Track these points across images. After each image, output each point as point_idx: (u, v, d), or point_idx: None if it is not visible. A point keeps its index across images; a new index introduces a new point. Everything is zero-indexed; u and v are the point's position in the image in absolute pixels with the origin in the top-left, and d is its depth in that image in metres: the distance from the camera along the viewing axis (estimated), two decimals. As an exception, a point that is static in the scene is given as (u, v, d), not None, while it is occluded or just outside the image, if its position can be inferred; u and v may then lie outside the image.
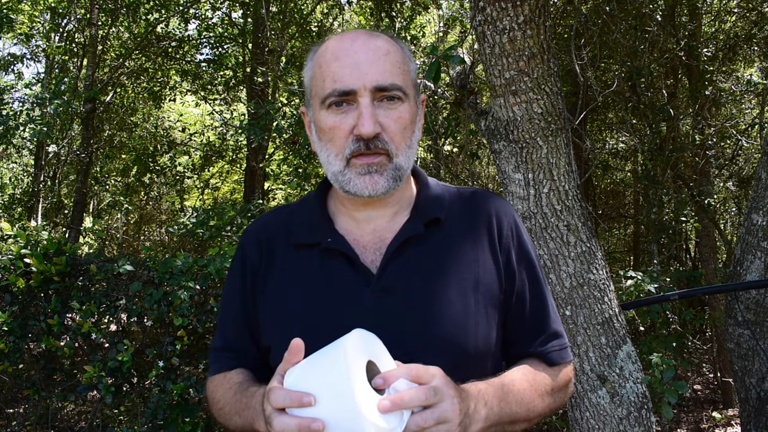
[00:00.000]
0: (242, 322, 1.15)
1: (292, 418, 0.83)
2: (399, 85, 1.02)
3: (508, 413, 0.98)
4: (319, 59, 1.05)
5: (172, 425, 3.00)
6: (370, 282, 1.04)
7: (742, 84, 6.09)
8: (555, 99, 2.11)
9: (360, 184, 1.02)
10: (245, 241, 1.18)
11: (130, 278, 3.16)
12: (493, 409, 0.95)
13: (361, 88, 0.99)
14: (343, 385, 0.81)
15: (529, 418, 1.04)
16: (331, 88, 1.00)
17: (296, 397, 0.83)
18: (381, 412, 0.81)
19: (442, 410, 0.84)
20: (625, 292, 3.39)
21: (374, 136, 1.00)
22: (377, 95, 1.01)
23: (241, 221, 5.15)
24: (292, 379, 0.88)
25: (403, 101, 1.03)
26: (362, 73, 0.99)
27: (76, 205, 8.09)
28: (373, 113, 1.00)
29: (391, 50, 1.04)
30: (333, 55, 1.02)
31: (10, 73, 8.49)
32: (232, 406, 1.05)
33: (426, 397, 0.83)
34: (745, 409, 2.77)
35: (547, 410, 1.08)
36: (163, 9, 8.10)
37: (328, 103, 1.02)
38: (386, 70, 1.01)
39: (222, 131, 10.06)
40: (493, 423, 0.95)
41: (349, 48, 1.02)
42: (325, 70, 1.02)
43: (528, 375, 1.07)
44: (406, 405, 0.82)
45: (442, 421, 0.84)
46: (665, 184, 5.14)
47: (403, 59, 1.06)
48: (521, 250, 1.13)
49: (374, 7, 6.60)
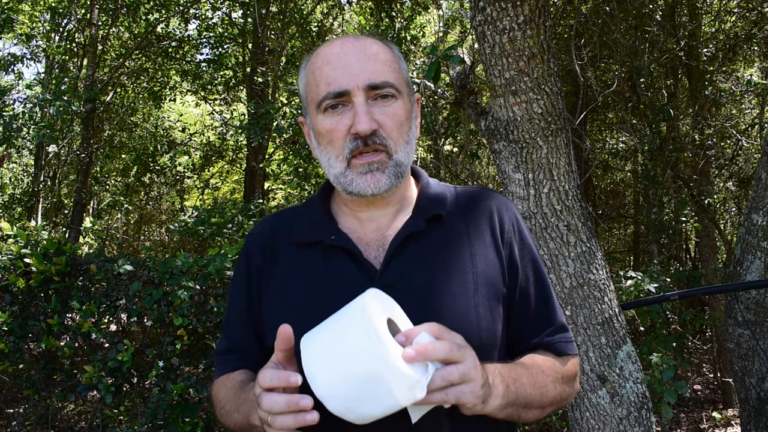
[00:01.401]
0: (247, 322, 1.16)
1: (280, 396, 0.84)
2: (391, 83, 1.04)
3: (524, 394, 0.99)
4: (311, 66, 1.08)
5: (172, 425, 3.00)
6: (374, 278, 1.05)
7: (742, 84, 6.10)
8: (555, 99, 2.11)
9: (362, 184, 1.04)
10: (249, 244, 1.19)
11: (130, 278, 3.16)
12: (510, 387, 0.96)
13: (355, 88, 1.02)
14: (369, 336, 0.80)
15: (542, 404, 1.04)
16: (326, 91, 1.03)
17: (283, 376, 0.84)
18: (406, 360, 0.80)
19: (467, 367, 0.85)
20: (625, 292, 3.39)
21: (372, 133, 1.02)
22: (371, 94, 1.03)
23: (241, 220, 5.15)
24: (309, 339, 0.86)
25: (397, 98, 1.06)
26: (354, 74, 1.02)
27: (76, 205, 8.09)
28: (369, 111, 1.02)
29: (380, 50, 1.07)
30: (324, 59, 1.05)
31: (10, 73, 8.49)
32: (233, 403, 1.06)
33: (450, 350, 0.84)
34: (745, 409, 2.77)
35: (558, 398, 1.08)
36: (163, 9, 8.10)
37: (323, 106, 1.04)
38: (377, 69, 1.04)
39: (222, 131, 10.07)
40: (510, 402, 0.95)
41: (339, 51, 1.04)
42: (318, 75, 1.05)
43: (539, 360, 1.08)
44: (430, 355, 0.82)
45: (465, 379, 0.85)
46: (665, 184, 5.14)
47: (393, 58, 1.09)
48: (523, 245, 1.14)
49: (374, 7, 6.59)
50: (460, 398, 0.86)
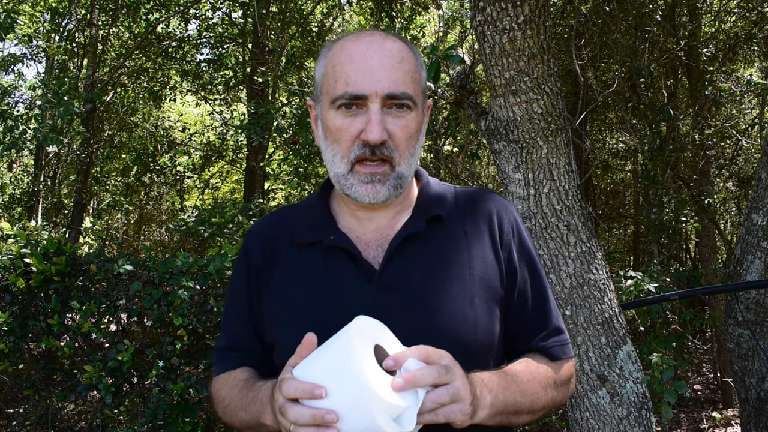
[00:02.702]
0: (247, 320, 1.16)
1: (306, 408, 0.84)
2: (410, 95, 1.03)
3: (512, 402, 0.99)
4: (333, 58, 1.05)
5: (172, 425, 3.00)
6: (373, 278, 1.05)
7: (742, 84, 6.10)
8: (555, 99, 2.11)
9: (361, 192, 1.04)
10: (248, 242, 1.19)
11: (130, 278, 3.16)
12: (498, 396, 0.97)
13: (373, 95, 1.00)
14: (353, 370, 0.82)
15: (533, 410, 1.05)
16: (343, 90, 1.01)
17: (308, 388, 0.84)
18: (395, 390, 0.83)
19: (455, 388, 0.87)
20: (625, 292, 3.39)
21: (380, 143, 1.01)
22: (387, 102, 1.01)
23: (241, 219, 5.15)
24: (299, 373, 0.88)
25: (412, 110, 1.04)
26: (375, 80, 1.00)
27: (76, 205, 8.09)
28: (382, 120, 1.00)
29: (406, 57, 1.04)
30: (347, 56, 1.03)
31: (10, 73, 8.49)
32: (238, 402, 1.06)
33: (438, 375, 0.86)
34: (745, 409, 2.77)
35: (550, 403, 1.09)
36: (163, 9, 8.10)
37: (338, 104, 1.02)
38: (399, 78, 1.02)
39: (222, 131, 10.06)
40: (498, 411, 0.96)
41: (365, 52, 1.02)
42: (339, 71, 1.03)
43: (530, 367, 1.08)
44: (419, 382, 0.84)
45: (455, 399, 0.87)
46: (665, 184, 5.14)
47: (416, 67, 1.07)
48: (522, 247, 1.15)
49: (374, 7, 6.60)
50: (450, 417, 0.88)
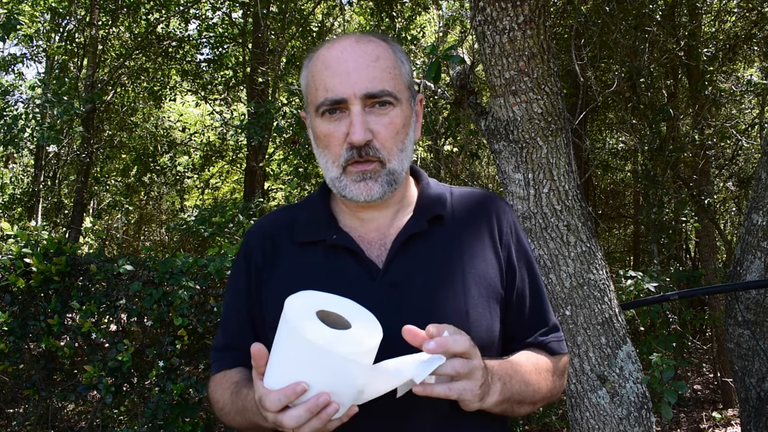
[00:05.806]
0: (245, 319, 1.16)
1: (298, 408, 0.85)
2: (389, 91, 1.04)
3: (518, 391, 1.03)
4: (312, 68, 1.08)
5: (172, 425, 3.00)
6: (376, 277, 1.06)
7: (742, 84, 6.10)
8: (555, 99, 2.11)
9: (355, 191, 1.05)
10: (248, 240, 1.20)
11: (130, 278, 3.16)
12: (506, 384, 1.00)
13: (352, 96, 1.02)
14: (310, 347, 0.84)
15: (534, 400, 1.08)
16: (323, 97, 1.03)
17: (289, 391, 0.85)
18: (428, 353, 0.87)
19: (473, 365, 0.90)
20: (625, 292, 3.39)
21: (366, 144, 1.02)
22: (368, 102, 1.03)
23: (242, 219, 5.15)
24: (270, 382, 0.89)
25: (395, 106, 1.05)
26: (352, 82, 1.02)
27: (76, 205, 8.09)
28: (364, 120, 1.02)
29: (381, 55, 1.06)
30: (324, 64, 1.05)
31: (10, 73, 8.48)
32: (231, 406, 1.08)
33: (469, 347, 0.90)
34: (745, 409, 2.77)
35: (549, 394, 1.12)
36: (163, 9, 8.10)
37: (321, 111, 1.04)
38: (375, 76, 1.03)
39: (222, 131, 10.05)
40: (505, 398, 0.99)
41: (339, 56, 1.04)
42: (318, 79, 1.05)
43: (531, 358, 1.12)
44: (450, 348, 0.87)
45: (470, 376, 0.90)
46: (665, 184, 5.14)
47: (394, 63, 1.08)
48: (520, 247, 1.17)
49: (374, 8, 6.60)
50: (462, 395, 0.90)
